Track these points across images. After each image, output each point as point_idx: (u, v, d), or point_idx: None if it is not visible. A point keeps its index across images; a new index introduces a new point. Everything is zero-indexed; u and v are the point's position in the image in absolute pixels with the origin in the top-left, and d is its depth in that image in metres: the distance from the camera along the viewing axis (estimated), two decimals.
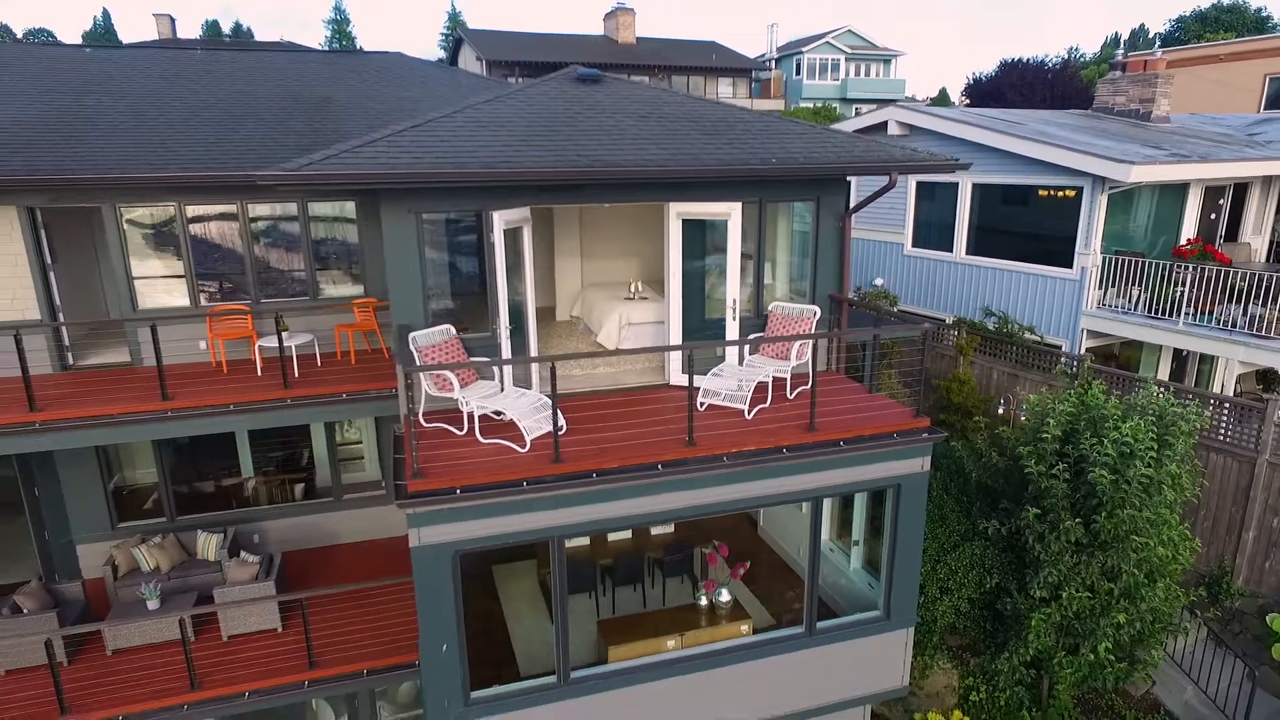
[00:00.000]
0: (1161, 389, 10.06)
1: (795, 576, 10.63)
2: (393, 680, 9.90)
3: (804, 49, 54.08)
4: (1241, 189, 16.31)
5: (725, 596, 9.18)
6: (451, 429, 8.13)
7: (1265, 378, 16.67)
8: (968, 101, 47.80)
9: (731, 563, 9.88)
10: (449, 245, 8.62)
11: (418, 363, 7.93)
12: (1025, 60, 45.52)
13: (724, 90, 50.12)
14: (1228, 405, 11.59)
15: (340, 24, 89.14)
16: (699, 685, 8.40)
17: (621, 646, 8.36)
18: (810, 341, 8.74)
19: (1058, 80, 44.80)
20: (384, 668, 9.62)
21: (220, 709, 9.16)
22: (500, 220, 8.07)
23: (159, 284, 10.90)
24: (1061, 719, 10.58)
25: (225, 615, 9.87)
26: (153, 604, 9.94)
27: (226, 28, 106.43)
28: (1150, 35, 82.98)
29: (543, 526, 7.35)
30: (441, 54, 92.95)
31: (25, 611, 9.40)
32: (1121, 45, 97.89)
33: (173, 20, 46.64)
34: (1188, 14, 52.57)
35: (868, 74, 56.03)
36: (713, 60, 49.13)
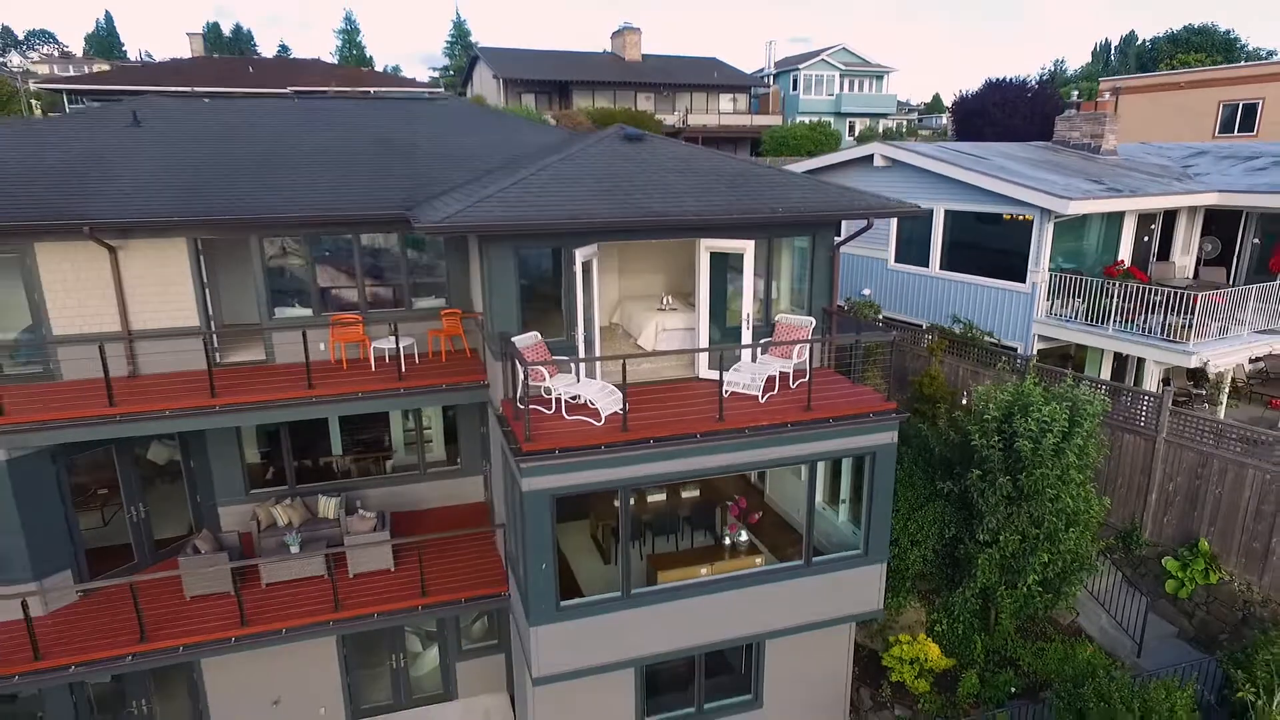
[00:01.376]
0: (1076, 382, 12.91)
1: (795, 532, 13.35)
2: (483, 607, 12.69)
3: (800, 65, 57.00)
4: (1172, 215, 19.22)
5: (743, 537, 12.01)
6: (541, 409, 10.91)
7: (1194, 374, 19.54)
8: (954, 118, 50.78)
9: (747, 514, 12.70)
10: (536, 272, 11.44)
11: (517, 365, 10.69)
12: (1008, 80, 48.50)
13: (725, 105, 52.98)
14: (1144, 395, 14.46)
15: (351, 34, 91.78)
16: (724, 602, 11.18)
17: (667, 572, 11.17)
18: (808, 344, 11.56)
19: (1037, 99, 47.77)
20: (476, 597, 12.44)
21: (356, 626, 11.96)
22: (580, 255, 10.87)
23: (288, 297, 13.65)
24: (1005, 641, 13.42)
25: (353, 556, 12.66)
26: (294, 549, 12.71)
27: (226, 29, 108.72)
28: (1140, 42, 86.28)
29: (614, 479, 10.14)
30: (447, 62, 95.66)
31: (202, 552, 12.18)
32: (1112, 52, 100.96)
33: (205, 38, 49.33)
34: (1160, 35, 55.59)
35: (861, 89, 58.97)
36: (714, 78, 52.00)
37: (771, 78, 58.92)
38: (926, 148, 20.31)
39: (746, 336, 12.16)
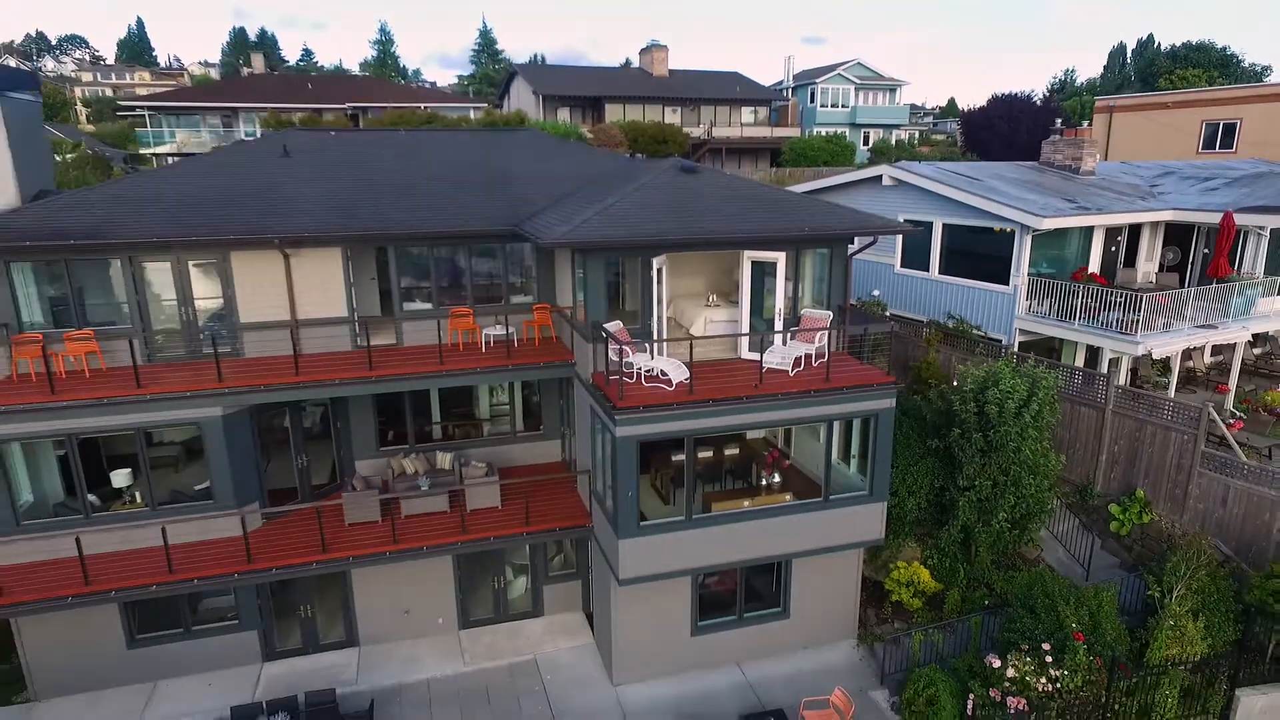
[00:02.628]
0: (1037, 363, 16.35)
1: (814, 483, 16.74)
2: (571, 535, 16.20)
3: (817, 79, 60.34)
4: (1137, 228, 22.51)
5: (777, 478, 15.51)
6: (625, 378, 14.42)
7: (1161, 365, 22.80)
8: (962, 130, 54.00)
9: (778, 462, 16.20)
10: (614, 275, 14.98)
11: (609, 345, 14.21)
12: (1014, 95, 51.72)
13: (746, 117, 56.39)
14: (1097, 376, 17.81)
15: (385, 45, 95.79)
16: (761, 527, 14.66)
17: (719, 503, 14.70)
18: (826, 332, 15.04)
19: (1042, 112, 50.97)
20: (567, 526, 15.97)
21: (476, 547, 15.51)
22: (655, 263, 14.42)
23: (415, 294, 17.24)
24: (983, 570, 16.83)
25: (470, 495, 16.23)
26: (425, 488, 16.31)
27: (236, 30, 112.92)
28: (1156, 45, 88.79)
29: (684, 429, 13.66)
30: (473, 69, 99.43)
31: (358, 489, 15.81)
32: (1128, 56, 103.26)
33: (265, 57, 53.35)
34: (1161, 49, 58.49)
35: (875, 102, 62.23)
36: (736, 92, 55.46)
37: (790, 91, 62.28)
38: (927, 169, 23.70)
39: (778, 326, 15.64)
